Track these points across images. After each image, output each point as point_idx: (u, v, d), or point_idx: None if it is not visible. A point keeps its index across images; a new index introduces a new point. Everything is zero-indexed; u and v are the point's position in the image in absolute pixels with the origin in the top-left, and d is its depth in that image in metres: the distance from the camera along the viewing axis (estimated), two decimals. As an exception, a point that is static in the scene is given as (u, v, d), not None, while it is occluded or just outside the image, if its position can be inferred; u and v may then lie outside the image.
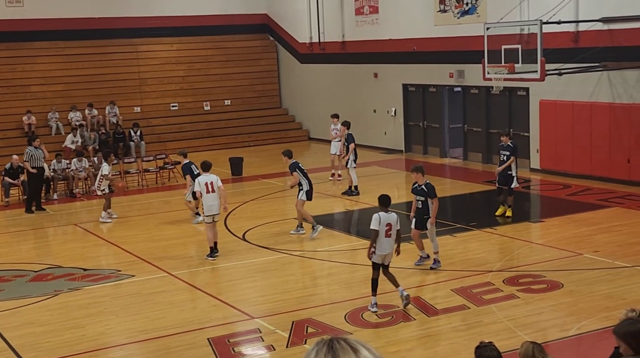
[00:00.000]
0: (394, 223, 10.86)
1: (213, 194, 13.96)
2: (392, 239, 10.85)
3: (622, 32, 18.67)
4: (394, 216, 10.94)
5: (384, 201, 11.13)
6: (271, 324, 10.82)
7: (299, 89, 31.63)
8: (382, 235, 10.79)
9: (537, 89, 20.70)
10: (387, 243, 10.83)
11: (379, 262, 10.95)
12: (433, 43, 24.39)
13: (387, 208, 11.03)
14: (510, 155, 15.97)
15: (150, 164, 23.75)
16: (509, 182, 15.96)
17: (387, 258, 10.97)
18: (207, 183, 13.99)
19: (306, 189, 15.43)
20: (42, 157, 19.53)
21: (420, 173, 12.76)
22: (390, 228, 10.83)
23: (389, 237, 10.82)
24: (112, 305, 12.10)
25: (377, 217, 10.85)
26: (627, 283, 11.79)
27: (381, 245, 10.83)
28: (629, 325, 5.01)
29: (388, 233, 10.81)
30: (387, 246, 10.84)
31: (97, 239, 16.50)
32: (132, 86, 30.21)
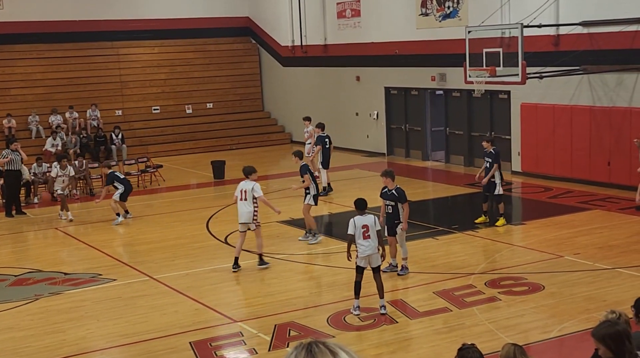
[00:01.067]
0: (371, 225, 10.92)
1: (245, 202, 13.33)
2: (371, 240, 10.90)
3: (602, 35, 18.82)
4: (370, 218, 11.01)
5: (359, 204, 11.22)
6: (253, 327, 10.79)
7: (281, 92, 31.62)
8: (359, 237, 10.90)
9: (518, 93, 20.82)
10: (367, 245, 10.89)
11: (364, 266, 11.00)
12: (415, 46, 24.47)
13: (363, 211, 11.11)
14: (492, 162, 15.68)
15: (132, 168, 23.63)
16: (492, 189, 15.74)
17: (373, 260, 10.97)
18: (242, 190, 13.42)
19: (314, 194, 15.21)
20: (19, 160, 19.40)
21: (390, 178, 12.69)
22: (368, 229, 10.89)
23: (368, 238, 10.88)
24: (93, 309, 12.02)
25: (352, 222, 11.00)
26: (608, 285, 11.87)
27: (360, 247, 10.92)
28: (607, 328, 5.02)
29: (366, 235, 10.88)
30: (367, 248, 10.89)
31: (78, 243, 16.40)
32: (114, 89, 30.08)
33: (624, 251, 13.67)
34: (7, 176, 19.35)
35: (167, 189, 22.36)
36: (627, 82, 18.50)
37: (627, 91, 18.55)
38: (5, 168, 19.33)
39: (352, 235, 10.93)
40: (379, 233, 11.02)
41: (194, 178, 24.30)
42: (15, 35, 28.51)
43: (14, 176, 19.27)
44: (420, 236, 15.50)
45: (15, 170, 19.25)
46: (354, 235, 10.92)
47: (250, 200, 13.32)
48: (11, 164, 19.17)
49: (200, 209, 18.98)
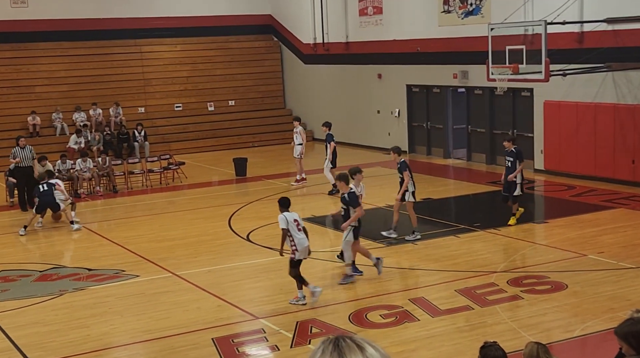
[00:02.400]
0: (299, 219, 11.60)
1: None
2: (303, 232, 11.48)
3: (626, 32, 18.66)
4: (295, 214, 11.65)
5: (283, 203, 11.71)
6: (275, 324, 10.83)
7: (302, 89, 31.65)
8: (294, 230, 11.37)
9: (542, 90, 20.69)
10: (302, 236, 11.44)
11: (303, 258, 11.55)
12: (437, 44, 24.39)
13: (287, 209, 11.59)
14: (514, 161, 15.51)
15: (155, 165, 23.77)
16: (512, 189, 15.52)
17: (307, 251, 11.58)
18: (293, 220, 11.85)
19: (412, 191, 14.94)
20: (29, 157, 19.56)
21: (344, 182, 12.60)
22: (299, 223, 11.51)
23: (302, 231, 11.47)
24: (116, 305, 12.12)
25: (283, 217, 11.41)
26: (632, 284, 11.78)
27: (298, 239, 11.41)
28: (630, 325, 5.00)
29: (299, 228, 11.47)
30: (304, 239, 11.42)
31: (101, 239, 16.53)
32: (136, 86, 30.26)
33: (648, 250, 13.55)
34: (16, 172, 19.58)
35: (189, 186, 22.46)
36: (652, 79, 18.33)
37: (651, 88, 18.37)
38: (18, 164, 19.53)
39: (287, 229, 11.33)
40: (305, 229, 11.60)
41: (215, 175, 24.40)
42: (40, 33, 28.76)
43: (23, 172, 19.46)
44: (442, 234, 15.46)
45: (25, 167, 19.44)
46: (288, 229, 11.34)
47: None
48: (21, 161, 19.39)
49: (222, 206, 19.07)
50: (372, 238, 15.42)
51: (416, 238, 14.98)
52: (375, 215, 17.88)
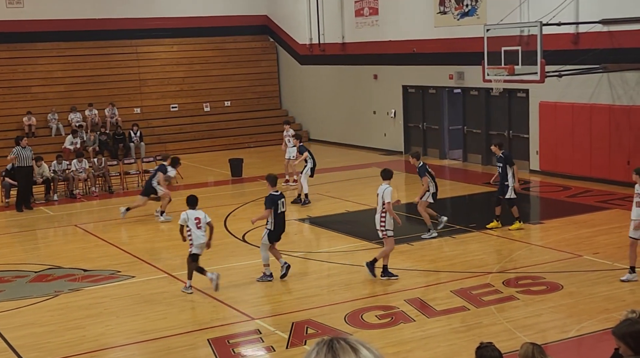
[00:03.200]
0: (203, 218, 12.37)
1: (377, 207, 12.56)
2: (203, 231, 12.35)
3: (622, 33, 18.70)
4: (201, 213, 12.44)
5: (191, 201, 12.60)
6: (271, 325, 10.84)
7: (299, 90, 31.66)
8: (193, 227, 12.27)
9: (537, 91, 20.72)
10: (200, 234, 12.32)
11: (199, 253, 12.37)
12: (433, 45, 24.41)
13: (194, 207, 12.47)
14: (504, 166, 15.39)
15: (150, 165, 23.71)
16: (505, 192, 15.42)
17: (203, 247, 12.41)
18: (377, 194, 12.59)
19: (433, 191, 15.28)
20: (30, 157, 19.61)
21: (270, 183, 12.93)
22: (200, 221, 12.32)
23: (200, 229, 12.31)
24: (112, 305, 12.12)
25: (184, 215, 12.39)
26: (627, 285, 11.81)
27: (196, 236, 12.28)
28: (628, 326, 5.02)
29: (198, 226, 12.32)
30: (202, 237, 12.33)
31: (97, 240, 16.52)
32: (133, 86, 30.25)
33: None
34: (17, 172, 19.58)
35: (185, 186, 22.42)
36: (647, 80, 18.37)
37: (647, 89, 18.42)
38: (15, 165, 19.55)
39: (185, 221, 12.29)
40: (210, 225, 12.46)
41: (211, 176, 24.39)
42: (36, 34, 28.73)
43: (23, 172, 19.45)
44: (438, 235, 15.47)
45: (25, 166, 19.45)
46: (185, 225, 12.30)
47: (380, 205, 12.49)
48: (21, 161, 19.40)
49: (218, 207, 19.05)
50: (368, 238, 15.44)
51: (432, 236, 15.13)
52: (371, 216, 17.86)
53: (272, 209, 12.55)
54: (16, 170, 19.65)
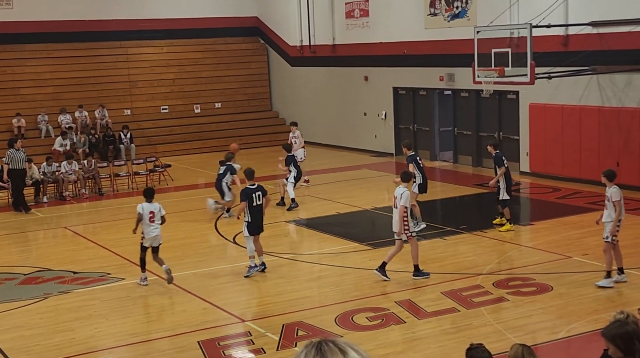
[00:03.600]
0: (157, 211, 12.86)
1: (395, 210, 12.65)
2: (157, 224, 12.83)
3: (611, 35, 18.78)
4: (157, 206, 12.93)
5: (147, 193, 13.14)
6: (261, 327, 10.82)
7: (289, 92, 31.65)
8: (146, 220, 12.73)
9: (527, 93, 20.78)
10: (153, 227, 12.78)
11: (148, 245, 12.84)
12: (423, 46, 24.45)
13: (150, 199, 12.92)
14: (495, 166, 15.62)
15: (141, 167, 23.70)
16: (498, 192, 15.61)
17: (155, 240, 12.84)
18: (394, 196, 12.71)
19: (419, 183, 15.71)
20: (24, 159, 19.55)
21: (247, 177, 13.61)
22: (154, 215, 12.80)
23: (153, 223, 12.78)
24: (102, 308, 12.08)
25: (140, 206, 12.91)
26: (616, 286, 11.84)
27: (147, 229, 12.75)
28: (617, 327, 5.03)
29: (152, 220, 12.78)
30: (153, 230, 12.78)
31: (87, 242, 16.46)
32: (123, 88, 30.17)
33: (632, 252, 13.63)
34: (10, 174, 19.50)
35: (176, 188, 22.42)
36: (637, 82, 18.45)
37: (636, 91, 18.50)
38: (9, 167, 19.47)
39: (142, 214, 12.73)
40: (164, 218, 12.99)
41: (202, 178, 24.34)
42: (25, 35, 28.62)
43: (17, 174, 19.39)
44: (429, 237, 15.50)
45: (19, 169, 19.38)
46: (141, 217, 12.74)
47: (400, 207, 12.56)
48: (15, 164, 19.32)
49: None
50: (359, 240, 15.45)
51: (420, 227, 15.25)
52: (362, 218, 17.91)
53: (246, 201, 13.05)
54: (10, 172, 19.56)
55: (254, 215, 13.05)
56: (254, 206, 13.07)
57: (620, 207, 11.74)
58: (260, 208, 13.18)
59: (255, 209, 13.10)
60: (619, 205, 11.72)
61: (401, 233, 12.50)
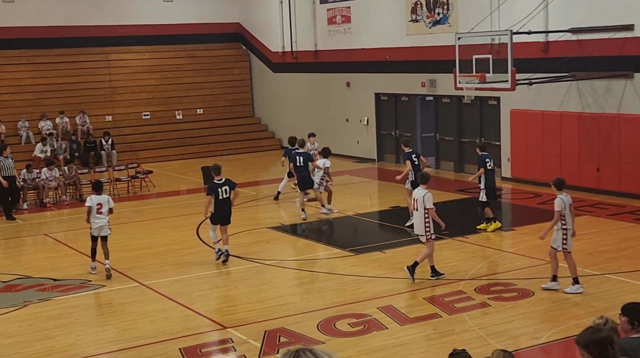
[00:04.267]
0: (105, 203, 13.79)
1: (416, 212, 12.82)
2: (104, 215, 13.73)
3: (590, 42, 18.92)
4: (105, 198, 13.94)
5: (95, 186, 14.34)
6: (243, 334, 10.78)
7: (271, 98, 31.64)
8: (94, 212, 13.67)
9: (508, 99, 20.90)
10: (99, 218, 13.71)
11: (96, 234, 13.79)
12: (405, 52, 24.53)
13: (99, 192, 14.01)
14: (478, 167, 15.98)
15: (122, 174, 23.59)
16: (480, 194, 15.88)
17: (102, 230, 13.77)
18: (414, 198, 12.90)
19: (411, 180, 16.31)
20: (12, 166, 19.42)
21: (214, 173, 14.48)
22: (101, 206, 13.72)
23: (100, 214, 13.71)
24: (82, 315, 11.99)
25: (89, 198, 13.89)
26: (597, 291, 11.91)
27: (94, 219, 13.70)
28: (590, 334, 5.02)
29: (99, 211, 13.73)
30: (99, 221, 13.71)
31: (67, 249, 16.34)
32: (104, 94, 30.03)
33: (612, 257, 13.73)
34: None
35: (157, 195, 22.33)
36: (616, 88, 18.60)
37: (615, 97, 18.65)
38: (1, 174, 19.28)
39: (90, 207, 13.69)
40: (111, 210, 13.91)
41: (184, 184, 24.27)
42: (5, 41, 28.42)
43: (6, 181, 19.20)
44: (410, 242, 15.52)
45: (9, 176, 19.22)
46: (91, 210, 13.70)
47: (422, 209, 12.67)
48: (4, 171, 19.17)
49: (190, 215, 18.95)
50: (341, 246, 15.45)
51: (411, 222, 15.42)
52: (345, 224, 17.91)
53: (212, 195, 14.13)
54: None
55: (218, 207, 14.15)
56: (220, 199, 14.15)
57: (563, 216, 11.82)
58: (226, 201, 14.20)
59: (221, 202, 14.16)
60: (558, 215, 11.81)
61: (423, 233, 12.71)
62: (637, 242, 14.74)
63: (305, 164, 17.93)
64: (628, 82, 18.32)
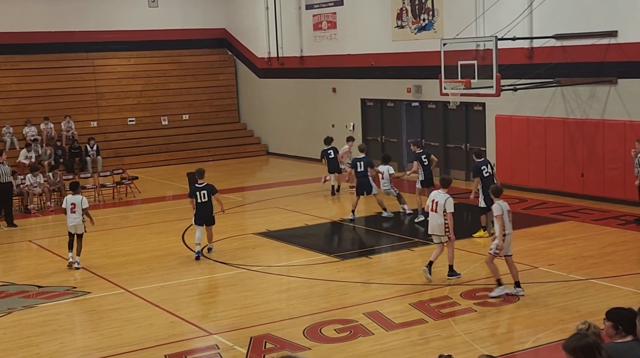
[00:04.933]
0: (78, 203, 14.71)
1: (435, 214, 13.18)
2: (77, 215, 14.69)
3: (574, 48, 19.04)
4: (79, 198, 14.83)
5: (72, 186, 15.37)
6: (229, 340, 10.75)
7: (257, 103, 31.63)
8: (68, 211, 14.71)
9: (493, 104, 20.99)
10: (73, 217, 14.71)
11: (72, 232, 14.80)
12: (391, 58, 24.60)
13: (75, 192, 14.97)
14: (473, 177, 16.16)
15: (107, 180, 23.50)
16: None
17: (77, 229, 14.80)
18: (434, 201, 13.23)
19: (421, 179, 17.64)
20: (8, 173, 19.28)
21: (197, 176, 15.39)
22: (75, 206, 14.68)
23: (74, 213, 14.68)
24: (67, 322, 11.92)
25: (66, 198, 15.06)
26: (581, 296, 11.96)
27: (68, 218, 14.75)
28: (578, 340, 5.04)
29: (73, 210, 14.70)
30: (73, 220, 14.73)
31: (52, 255, 16.25)
32: (89, 100, 29.94)
33: (597, 262, 13.80)
34: None
35: (143, 201, 22.26)
36: (600, 94, 18.72)
37: (599, 103, 18.77)
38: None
39: (65, 208, 14.85)
40: (86, 211, 14.81)
41: (169, 190, 24.20)
42: (-11, 46, 28.30)
43: (1, 188, 19.06)
44: (396, 248, 15.56)
45: (4, 183, 19.09)
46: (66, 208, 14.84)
47: (441, 212, 13.03)
48: (1, 177, 19.03)
49: (176, 221, 18.91)
50: (327, 252, 15.45)
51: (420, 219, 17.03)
52: (330, 229, 17.91)
53: (193, 198, 15.17)
54: None
55: (199, 209, 15.11)
56: (199, 203, 15.12)
57: (503, 221, 11.93)
58: (205, 204, 15.13)
59: (200, 205, 15.12)
60: (500, 219, 11.92)
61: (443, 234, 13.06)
62: (621, 247, 14.82)
63: (366, 169, 18.23)
64: (612, 88, 18.45)
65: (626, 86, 18.18)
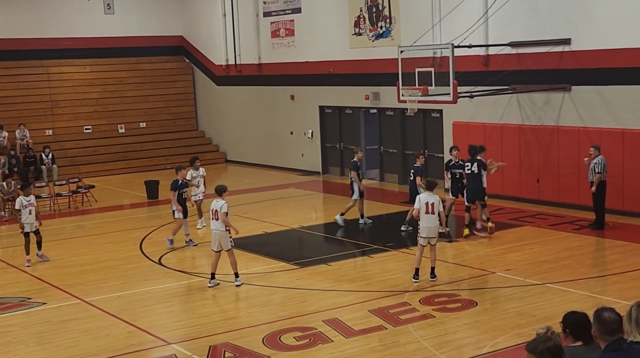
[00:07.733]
0: (34, 203, 15.72)
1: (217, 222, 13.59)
2: (32, 215, 15.60)
3: (529, 56, 19.31)
4: (32, 198, 15.77)
5: (22, 187, 16.43)
6: (188, 349, 10.65)
7: (215, 111, 31.49)
8: (24, 211, 15.53)
9: (450, 111, 21.17)
10: (27, 218, 15.53)
11: (28, 230, 15.59)
12: (348, 66, 24.68)
13: (26, 193, 15.76)
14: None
15: (63, 188, 23.18)
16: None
17: (33, 226, 15.63)
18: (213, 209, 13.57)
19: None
20: None
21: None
22: (32, 206, 15.65)
23: (31, 214, 15.57)
24: (21, 334, 11.70)
25: (19, 200, 15.78)
26: (538, 301, 12.10)
27: (24, 218, 15.49)
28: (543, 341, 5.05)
29: (29, 211, 15.55)
30: (26, 219, 15.51)
31: (6, 266, 15.96)
32: (44, 108, 29.51)
33: (553, 266, 13.98)
34: None
35: (100, 210, 21.98)
36: (554, 101, 19.00)
37: (554, 110, 19.05)
38: None
39: (20, 209, 15.65)
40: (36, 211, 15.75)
41: (127, 199, 23.95)
42: (-60, 53, 27.75)
43: None
44: (356, 255, 15.57)
45: None
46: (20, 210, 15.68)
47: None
48: None
49: (133, 230, 18.71)
50: (286, 260, 15.41)
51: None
52: (289, 237, 17.88)
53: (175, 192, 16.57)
54: None
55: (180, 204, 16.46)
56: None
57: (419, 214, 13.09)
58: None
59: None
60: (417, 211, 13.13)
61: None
62: (576, 251, 15.04)
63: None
64: (566, 95, 18.75)
65: (580, 93, 18.48)
